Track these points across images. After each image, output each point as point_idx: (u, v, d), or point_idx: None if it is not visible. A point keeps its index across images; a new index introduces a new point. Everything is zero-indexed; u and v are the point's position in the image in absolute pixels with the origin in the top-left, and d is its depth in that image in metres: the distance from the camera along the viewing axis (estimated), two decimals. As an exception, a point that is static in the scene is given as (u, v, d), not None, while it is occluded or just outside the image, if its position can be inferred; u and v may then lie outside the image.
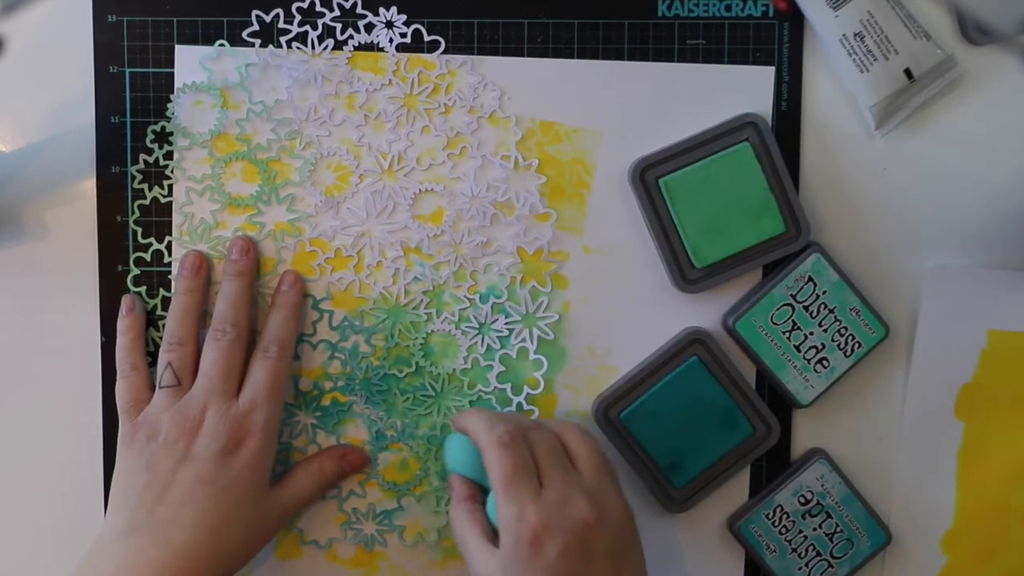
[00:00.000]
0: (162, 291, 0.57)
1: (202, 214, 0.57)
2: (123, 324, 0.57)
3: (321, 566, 0.58)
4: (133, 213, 0.57)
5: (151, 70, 0.57)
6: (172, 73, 0.57)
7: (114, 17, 0.57)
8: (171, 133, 0.57)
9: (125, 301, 0.57)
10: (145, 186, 0.57)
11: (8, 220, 0.57)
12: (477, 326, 0.57)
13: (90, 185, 0.58)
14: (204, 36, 0.57)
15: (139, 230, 0.57)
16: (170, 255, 0.57)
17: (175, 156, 0.57)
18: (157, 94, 0.57)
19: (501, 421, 0.51)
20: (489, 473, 0.50)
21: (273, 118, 0.57)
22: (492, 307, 0.57)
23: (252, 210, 0.57)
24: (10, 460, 0.58)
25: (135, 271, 0.57)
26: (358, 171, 0.57)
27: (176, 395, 0.54)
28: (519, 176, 0.57)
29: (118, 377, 0.56)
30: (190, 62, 0.57)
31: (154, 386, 0.55)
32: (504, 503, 0.49)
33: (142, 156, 0.57)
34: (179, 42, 0.57)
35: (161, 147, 0.57)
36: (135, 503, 0.51)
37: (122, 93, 0.57)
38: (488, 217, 0.57)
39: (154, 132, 0.57)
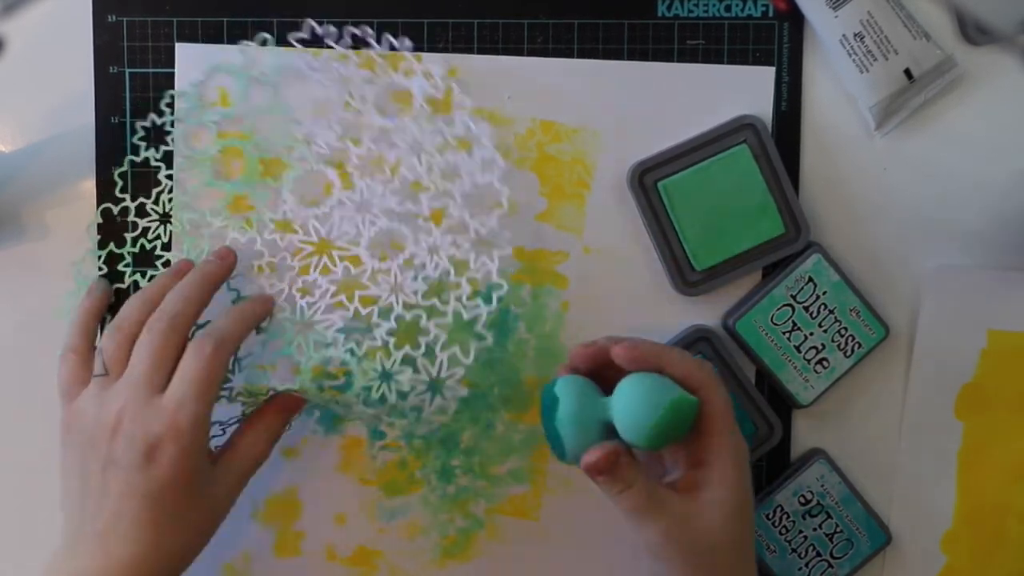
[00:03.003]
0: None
1: (192, 183, 0.57)
2: (80, 305, 0.55)
3: (320, 565, 0.58)
4: (121, 166, 0.57)
5: (151, 70, 0.57)
6: (172, 73, 0.57)
7: (114, 17, 0.57)
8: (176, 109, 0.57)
9: (90, 284, 0.56)
10: (144, 143, 0.57)
11: (8, 220, 0.57)
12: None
13: (90, 185, 0.58)
14: (204, 36, 0.57)
15: (126, 198, 0.57)
16: (169, 250, 0.58)
17: (179, 127, 0.57)
18: (157, 94, 0.57)
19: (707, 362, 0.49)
20: (716, 416, 0.48)
21: (281, 114, 0.57)
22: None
23: (243, 198, 0.57)
24: (9, 459, 0.58)
25: (133, 269, 0.58)
26: (353, 175, 0.57)
27: (105, 384, 0.50)
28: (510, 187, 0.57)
29: (60, 359, 0.53)
30: (191, 60, 0.57)
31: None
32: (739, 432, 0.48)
33: (151, 116, 0.57)
34: (179, 42, 0.57)
35: (163, 115, 0.57)
36: (77, 510, 0.49)
37: (122, 93, 0.57)
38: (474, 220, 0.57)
39: (170, 96, 0.57)
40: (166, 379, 0.50)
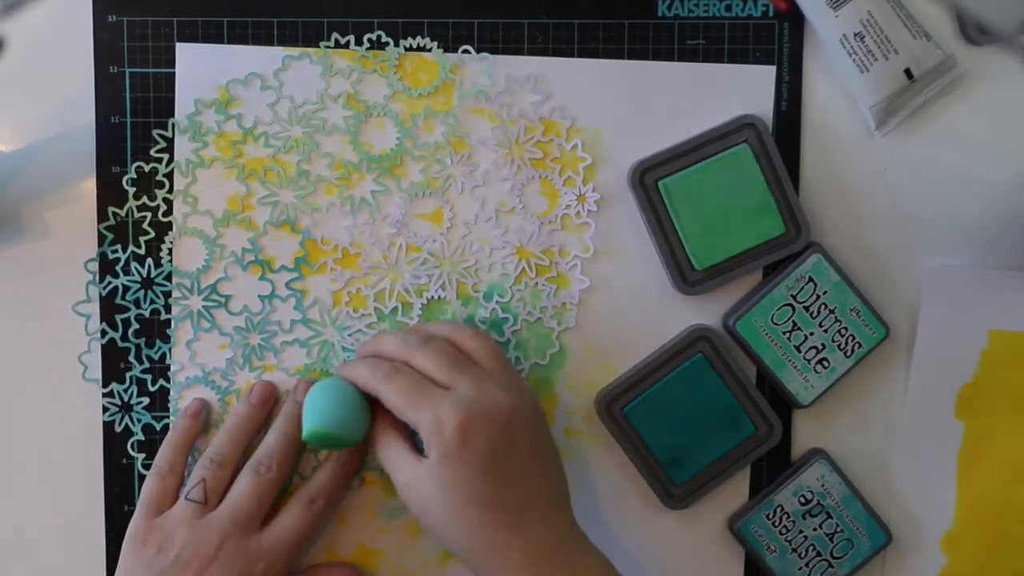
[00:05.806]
0: (152, 296, 0.58)
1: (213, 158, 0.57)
2: (181, 423, 0.56)
3: (321, 566, 0.59)
4: (130, 162, 0.57)
5: (151, 70, 0.57)
6: (172, 73, 0.57)
7: (114, 17, 0.57)
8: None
9: (194, 403, 0.57)
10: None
11: (8, 220, 0.57)
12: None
13: (90, 185, 0.58)
14: (204, 36, 0.57)
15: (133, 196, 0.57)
16: (170, 258, 0.58)
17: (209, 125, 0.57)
18: (157, 94, 0.57)
19: (382, 362, 0.52)
20: (389, 406, 0.50)
21: (300, 116, 0.57)
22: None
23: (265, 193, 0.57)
24: (8, 460, 0.58)
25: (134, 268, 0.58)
26: (364, 171, 0.57)
27: (199, 512, 0.53)
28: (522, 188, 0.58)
29: (151, 471, 0.55)
30: (191, 60, 0.57)
31: (179, 493, 0.55)
32: (416, 416, 0.49)
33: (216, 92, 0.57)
34: (179, 42, 0.57)
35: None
36: None
37: (122, 93, 0.57)
38: (491, 224, 0.57)
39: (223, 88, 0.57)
40: (260, 523, 0.54)
